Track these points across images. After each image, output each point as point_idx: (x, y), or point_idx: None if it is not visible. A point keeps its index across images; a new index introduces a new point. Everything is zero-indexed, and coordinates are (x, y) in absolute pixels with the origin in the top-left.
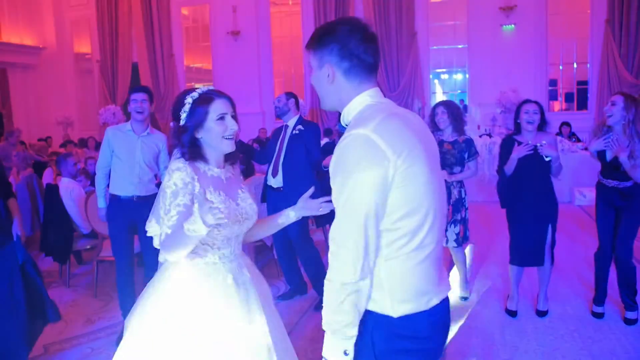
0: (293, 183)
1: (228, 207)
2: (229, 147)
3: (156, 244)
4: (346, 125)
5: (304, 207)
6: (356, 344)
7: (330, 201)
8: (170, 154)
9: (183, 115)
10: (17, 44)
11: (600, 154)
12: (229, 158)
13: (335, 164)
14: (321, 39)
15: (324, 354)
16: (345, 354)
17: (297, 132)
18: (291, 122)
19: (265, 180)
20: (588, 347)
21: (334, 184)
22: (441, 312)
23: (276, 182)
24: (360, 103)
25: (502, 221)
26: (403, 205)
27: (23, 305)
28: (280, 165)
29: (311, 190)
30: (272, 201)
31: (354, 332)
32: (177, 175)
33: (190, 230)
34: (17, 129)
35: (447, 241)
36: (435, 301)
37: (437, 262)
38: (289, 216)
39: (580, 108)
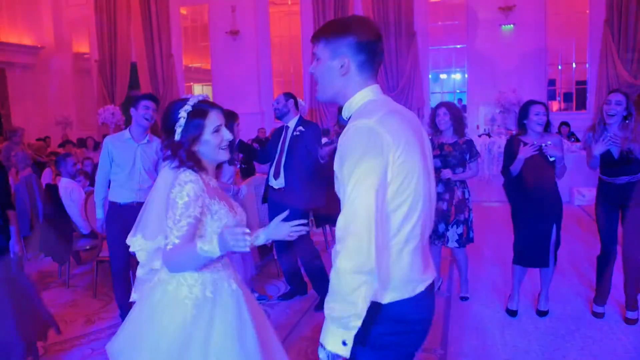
0: (295, 184)
1: (231, 216)
2: (225, 156)
3: (142, 258)
4: (347, 118)
5: (275, 230)
6: None
7: (302, 224)
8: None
9: (178, 130)
10: (16, 44)
11: (605, 154)
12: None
13: (342, 153)
14: (339, 30)
15: (321, 340)
16: (344, 344)
17: (298, 133)
18: (291, 123)
19: (267, 181)
20: (589, 347)
21: (340, 172)
22: (426, 297)
23: (278, 183)
24: (363, 97)
25: (502, 221)
26: (397, 196)
27: (12, 316)
28: (282, 167)
29: (285, 213)
30: (273, 201)
31: (357, 323)
32: (190, 187)
33: (203, 251)
34: (20, 128)
35: (447, 241)
36: (421, 288)
37: (423, 252)
38: (258, 237)
39: (579, 108)
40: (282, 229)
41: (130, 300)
